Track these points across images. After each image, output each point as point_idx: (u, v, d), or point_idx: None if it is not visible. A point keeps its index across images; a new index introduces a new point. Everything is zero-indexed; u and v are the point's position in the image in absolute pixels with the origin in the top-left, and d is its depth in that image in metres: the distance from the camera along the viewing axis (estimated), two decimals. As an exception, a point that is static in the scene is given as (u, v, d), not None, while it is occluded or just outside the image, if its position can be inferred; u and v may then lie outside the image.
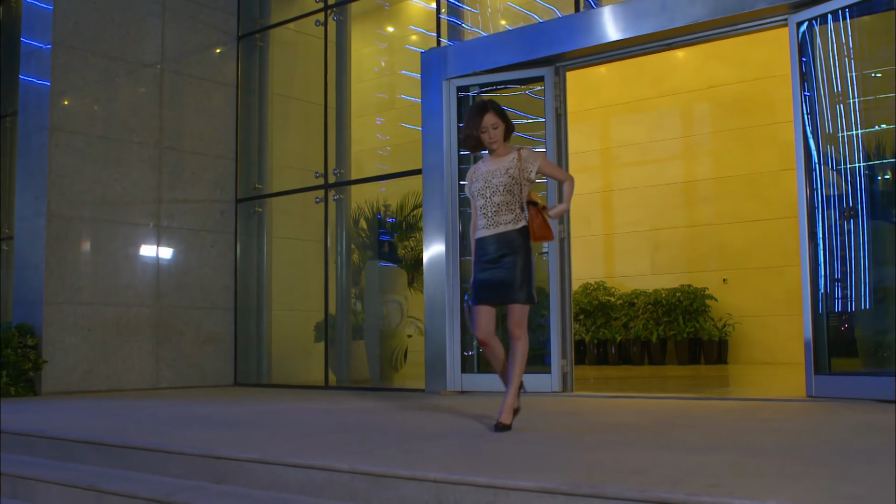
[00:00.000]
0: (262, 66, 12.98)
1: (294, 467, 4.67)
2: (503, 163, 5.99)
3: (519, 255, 5.89)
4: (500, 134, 5.99)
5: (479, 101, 6.08)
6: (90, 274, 11.24)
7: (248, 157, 12.82)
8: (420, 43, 11.98)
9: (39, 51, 11.36)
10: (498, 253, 5.91)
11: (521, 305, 5.87)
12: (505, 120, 6.03)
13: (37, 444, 6.36)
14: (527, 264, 5.91)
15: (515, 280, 5.85)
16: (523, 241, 5.94)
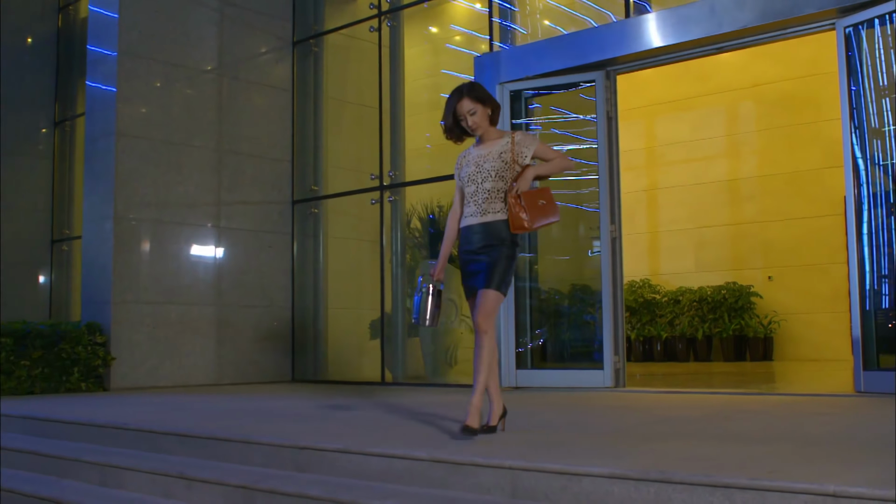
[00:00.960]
0: (317, 70, 13.32)
1: (375, 456, 5.00)
2: (496, 146, 5.61)
3: (504, 247, 5.48)
4: (481, 118, 5.59)
5: (456, 88, 5.66)
6: (154, 274, 11.64)
7: (303, 159, 13.17)
8: (464, 43, 12.26)
9: (105, 58, 11.76)
10: (482, 243, 5.50)
11: (494, 292, 5.44)
12: (485, 102, 5.61)
13: (122, 435, 6.73)
14: (510, 258, 5.51)
15: (493, 268, 5.43)
16: (510, 233, 5.50)
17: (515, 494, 4.40)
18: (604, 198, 9.50)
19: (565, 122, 10.44)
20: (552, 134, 10.36)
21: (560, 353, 10.30)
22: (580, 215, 10.22)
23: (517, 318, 9.96)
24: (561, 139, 10.35)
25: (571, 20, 10.56)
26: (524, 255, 10.10)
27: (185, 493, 5.42)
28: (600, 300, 9.58)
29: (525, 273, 10.10)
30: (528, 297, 10.08)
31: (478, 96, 5.58)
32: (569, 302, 10.44)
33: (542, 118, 10.49)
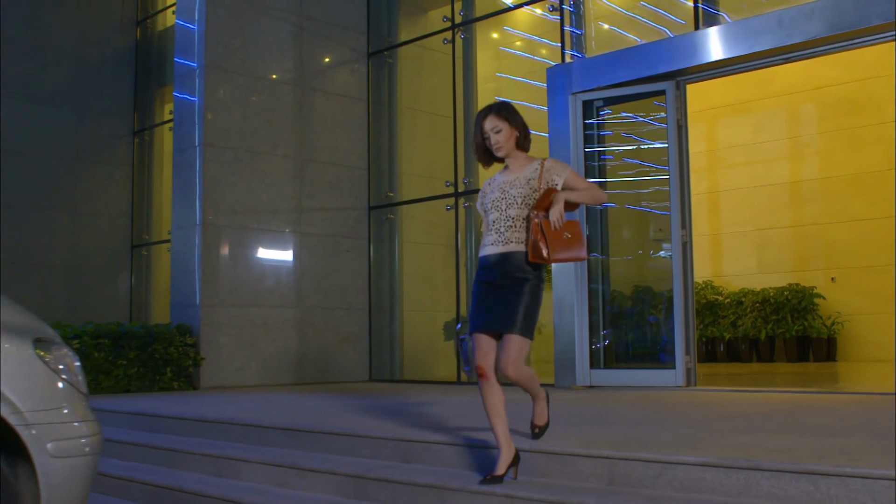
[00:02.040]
0: (391, 80, 13.79)
1: (477, 448, 5.42)
2: (524, 172, 5.14)
3: (527, 283, 5.00)
4: (505, 138, 5.12)
5: (486, 106, 5.27)
6: (239, 278, 12.17)
7: (378, 166, 13.65)
8: (535, 51, 12.65)
9: (191, 71, 12.31)
10: (503, 276, 5.02)
11: (519, 338, 4.91)
12: (512, 122, 5.15)
13: (230, 429, 7.21)
14: (534, 295, 5.02)
15: (517, 307, 4.93)
16: (535, 266, 5.03)
17: (612, 482, 4.79)
18: (675, 203, 9.84)
19: (638, 131, 10.79)
20: (622, 140, 10.71)
21: (631, 353, 10.64)
22: (646, 217, 10.59)
23: (590, 318, 10.33)
24: (630, 144, 10.71)
25: (641, 29, 10.89)
26: (595, 256, 10.46)
27: (298, 483, 5.88)
28: (668, 301, 9.92)
29: (597, 274, 10.45)
30: (600, 298, 10.44)
31: (505, 115, 5.14)
32: (637, 303, 10.78)
33: (612, 122, 10.83)
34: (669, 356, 9.92)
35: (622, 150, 10.68)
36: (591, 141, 10.54)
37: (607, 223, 10.59)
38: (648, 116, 10.50)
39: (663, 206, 10.13)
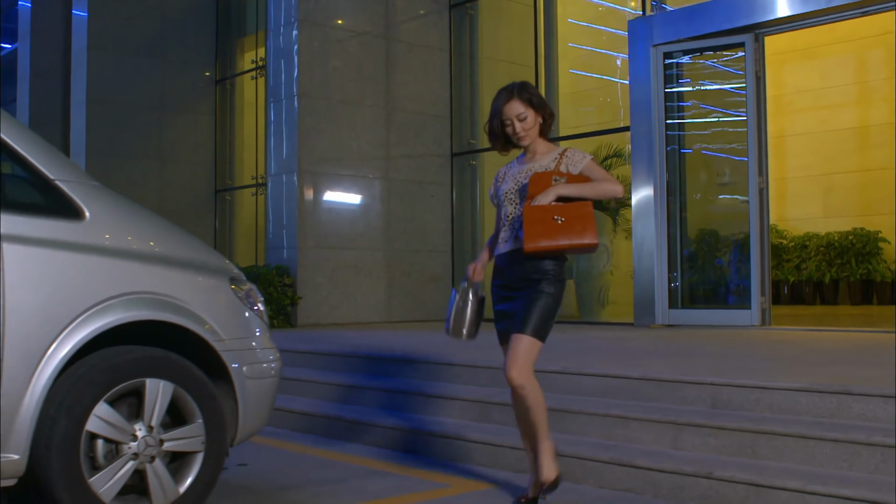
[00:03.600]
0: (472, 31, 14.31)
1: (590, 376, 6.06)
2: (542, 161, 4.59)
3: (546, 282, 4.48)
4: (530, 126, 4.57)
5: (505, 87, 4.70)
6: (332, 222, 12.84)
7: (461, 115, 14.22)
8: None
9: (286, 25, 12.90)
10: (518, 278, 4.55)
11: (529, 338, 4.43)
12: (538, 108, 4.59)
13: (347, 362, 7.89)
14: (553, 297, 4.50)
15: (531, 307, 4.45)
16: (555, 266, 4.52)
17: (715, 405, 5.40)
18: (752, 151, 10.29)
19: (713, 88, 11.23)
20: (703, 94, 11.17)
21: (707, 293, 11.18)
22: (722, 164, 11.10)
23: (668, 260, 10.86)
24: (708, 94, 11.17)
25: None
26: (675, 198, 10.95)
27: (422, 408, 6.54)
28: (744, 244, 10.42)
29: (675, 218, 10.94)
30: (678, 241, 10.94)
31: (530, 99, 4.57)
32: (713, 246, 11.29)
33: (691, 72, 11.27)
34: (744, 297, 10.43)
35: (700, 98, 11.15)
36: (670, 93, 10.99)
37: (685, 168, 11.07)
38: (726, 67, 10.94)
39: (735, 151, 10.61)
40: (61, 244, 3.84)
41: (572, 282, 13.00)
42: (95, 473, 3.86)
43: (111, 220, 4.06)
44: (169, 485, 4.05)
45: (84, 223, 3.93)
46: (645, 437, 5.25)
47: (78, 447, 3.80)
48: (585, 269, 13.04)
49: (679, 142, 10.99)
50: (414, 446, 6.09)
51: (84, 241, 3.90)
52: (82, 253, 3.89)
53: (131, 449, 3.94)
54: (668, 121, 10.89)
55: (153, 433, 4.01)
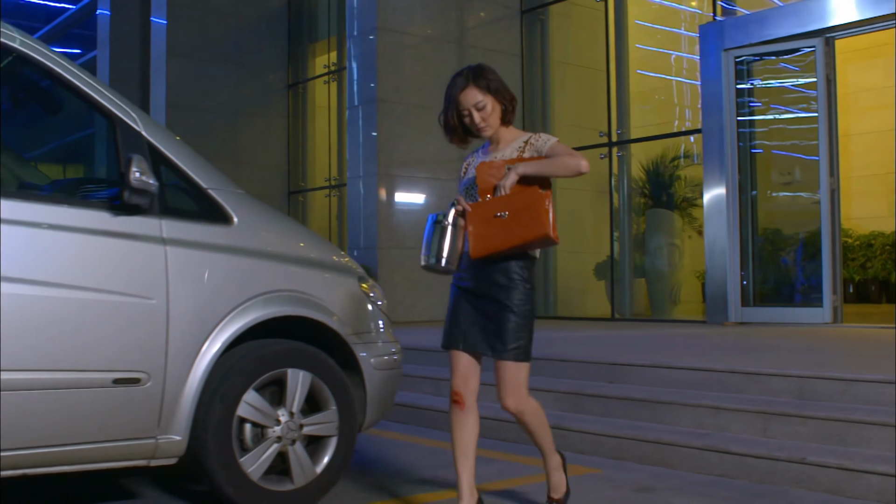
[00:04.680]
0: (543, 36, 14.64)
1: (678, 369, 6.38)
2: (506, 150, 4.14)
3: (515, 290, 3.97)
4: (491, 115, 4.11)
5: (459, 72, 4.23)
6: (409, 223, 13.25)
7: (532, 118, 14.54)
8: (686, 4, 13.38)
9: (365, 33, 13.32)
10: (483, 282, 4.03)
11: (514, 364, 4.01)
12: (497, 94, 4.12)
13: (444, 357, 8.24)
14: (525, 311, 4.00)
15: (505, 326, 3.96)
16: (521, 267, 4.00)
17: (802, 396, 5.70)
18: (823, 152, 10.52)
19: (782, 86, 11.47)
20: (772, 96, 11.41)
21: (779, 291, 11.42)
22: (793, 163, 11.33)
23: (740, 259, 11.10)
24: (779, 95, 11.40)
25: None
26: (745, 198, 11.18)
27: (517, 399, 6.89)
28: (815, 243, 10.64)
29: (746, 217, 11.17)
30: (750, 240, 11.18)
31: (488, 85, 4.11)
32: (784, 245, 11.53)
33: (762, 75, 11.51)
34: (816, 295, 10.65)
35: (769, 99, 11.39)
36: (741, 94, 11.24)
37: (755, 168, 11.31)
38: (796, 68, 11.17)
39: (805, 150, 10.85)
40: (214, 247, 4.24)
41: (644, 280, 13.30)
42: (245, 454, 4.26)
43: (255, 225, 4.46)
44: (308, 466, 4.45)
45: (232, 227, 4.33)
46: (736, 426, 5.56)
47: (230, 430, 4.20)
48: (656, 268, 13.33)
49: (749, 142, 11.24)
50: (511, 436, 6.43)
51: (233, 243, 4.31)
52: (232, 255, 4.29)
53: (275, 432, 4.34)
54: (739, 121, 11.14)
55: (294, 418, 4.40)
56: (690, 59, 13.68)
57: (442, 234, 3.95)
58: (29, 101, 5.02)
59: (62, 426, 3.84)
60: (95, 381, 3.88)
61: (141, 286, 3.99)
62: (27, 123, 5.39)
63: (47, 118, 5.09)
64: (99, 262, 3.92)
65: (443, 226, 3.95)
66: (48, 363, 3.76)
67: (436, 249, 3.96)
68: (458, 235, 3.96)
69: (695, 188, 13.33)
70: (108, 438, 3.96)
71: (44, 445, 3.81)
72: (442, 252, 3.94)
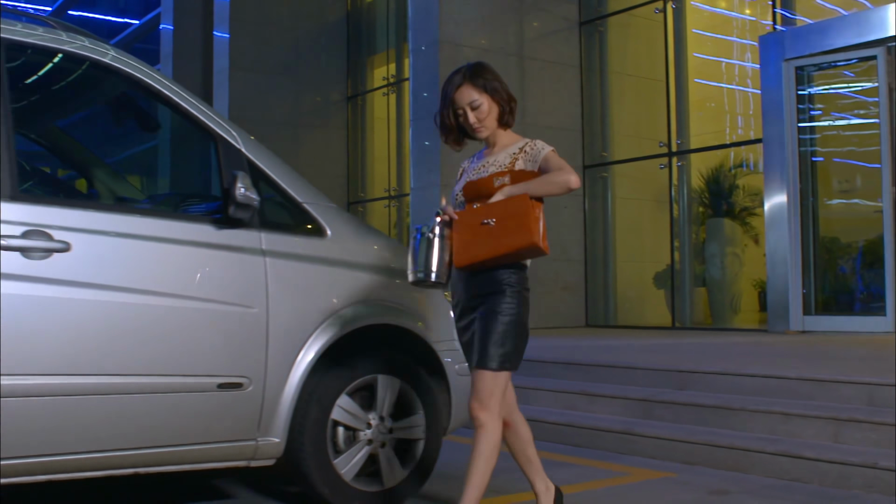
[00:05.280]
0: (602, 47, 14.80)
1: (748, 376, 6.52)
2: (500, 156, 3.96)
3: (501, 297, 3.78)
4: (485, 115, 3.94)
5: (456, 69, 4.02)
6: (472, 233, 13.42)
7: (592, 129, 14.70)
8: (736, 9, 13.46)
9: (428, 46, 13.56)
10: (474, 294, 3.89)
11: (491, 374, 3.75)
12: (494, 93, 3.95)
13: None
14: (512, 316, 3.77)
15: (488, 333, 3.76)
16: (510, 276, 3.80)
17: (872, 403, 5.80)
18: (885, 161, 10.58)
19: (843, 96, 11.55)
20: (832, 102, 11.48)
21: (840, 300, 11.47)
22: (853, 171, 11.39)
23: (801, 267, 11.17)
24: (841, 105, 11.48)
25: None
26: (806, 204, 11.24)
27: (588, 406, 7.06)
28: (876, 252, 10.68)
29: (807, 225, 11.24)
30: (811, 249, 11.24)
31: (485, 84, 3.93)
32: (845, 253, 11.58)
33: (823, 85, 11.58)
34: (879, 304, 10.70)
35: (830, 107, 11.47)
36: (802, 102, 11.32)
37: (816, 177, 11.37)
38: (857, 76, 11.24)
39: (866, 158, 10.91)
40: (310, 258, 4.46)
41: (705, 289, 13.40)
42: (338, 456, 4.47)
43: (347, 237, 4.67)
44: (397, 468, 4.65)
45: (326, 240, 4.54)
46: (807, 432, 5.68)
47: (325, 433, 4.41)
48: (717, 277, 13.42)
49: (810, 151, 11.32)
50: (582, 441, 6.60)
51: (327, 255, 4.52)
52: (326, 266, 4.50)
53: (366, 435, 4.54)
54: (799, 128, 11.22)
55: (384, 422, 4.61)
56: (748, 67, 13.79)
57: (429, 246, 3.81)
58: (128, 119, 5.29)
59: (171, 428, 4.06)
60: (201, 385, 4.10)
61: (243, 296, 4.21)
62: (112, 139, 5.66)
63: (131, 133, 5.35)
64: (205, 273, 4.14)
65: (429, 238, 3.81)
66: (159, 368, 3.99)
67: (423, 263, 3.82)
68: (446, 247, 3.82)
69: (753, 197, 13.44)
70: (212, 440, 4.18)
71: (155, 446, 4.04)
72: (430, 265, 3.81)
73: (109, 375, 3.88)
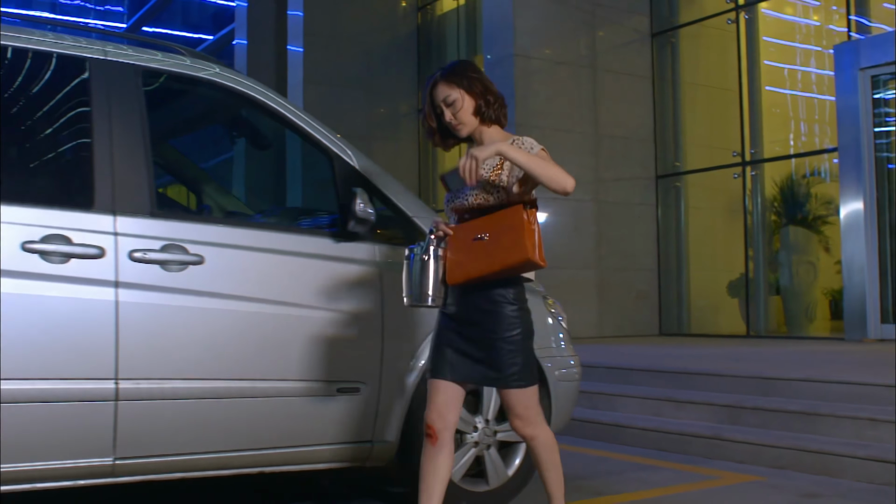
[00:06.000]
0: (674, 58, 14.94)
1: (835, 383, 6.65)
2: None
3: (501, 313, 3.62)
4: (460, 110, 3.68)
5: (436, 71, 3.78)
6: (547, 242, 13.41)
7: (664, 139, 14.84)
8: (810, 16, 13.52)
9: (502, 58, 13.78)
10: (471, 307, 3.67)
11: (520, 391, 3.64)
12: (469, 88, 3.67)
13: (593, 372, 8.62)
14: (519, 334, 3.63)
15: (496, 353, 3.60)
16: (510, 289, 3.65)
17: (961, 409, 5.92)
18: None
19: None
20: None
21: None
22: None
23: (879, 276, 11.21)
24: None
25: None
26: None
27: (674, 412, 7.22)
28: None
29: (885, 233, 11.26)
30: (888, 257, 11.28)
31: (460, 81, 3.67)
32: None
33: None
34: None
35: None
36: (878, 109, 11.38)
37: (893, 184, 11.40)
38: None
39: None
40: (421, 271, 4.70)
41: (779, 298, 13.48)
42: (447, 458, 4.69)
43: (454, 249, 4.90)
44: (501, 469, 4.86)
45: (434, 253, 4.78)
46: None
47: (435, 435, 4.64)
48: (792, 285, 13.49)
49: (886, 159, 11.37)
50: (669, 446, 6.76)
51: (437, 267, 4.75)
52: (436, 277, 4.74)
53: (473, 438, 4.76)
54: (875, 137, 11.28)
55: (489, 425, 4.82)
56: (821, 74, 13.85)
57: (423, 268, 3.65)
58: (243, 138, 5.58)
59: (295, 429, 4.31)
60: (322, 389, 4.35)
61: (361, 306, 4.46)
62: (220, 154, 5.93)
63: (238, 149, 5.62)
64: (325, 284, 4.39)
65: (422, 259, 3.65)
66: (285, 373, 4.24)
67: (418, 285, 3.67)
68: (440, 268, 3.65)
69: (828, 205, 13.49)
70: (331, 441, 4.43)
71: (279, 447, 4.29)
72: (426, 289, 3.65)
73: (240, 380, 4.15)
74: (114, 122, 4.02)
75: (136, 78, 4.15)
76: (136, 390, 3.90)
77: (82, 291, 3.82)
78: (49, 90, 4.14)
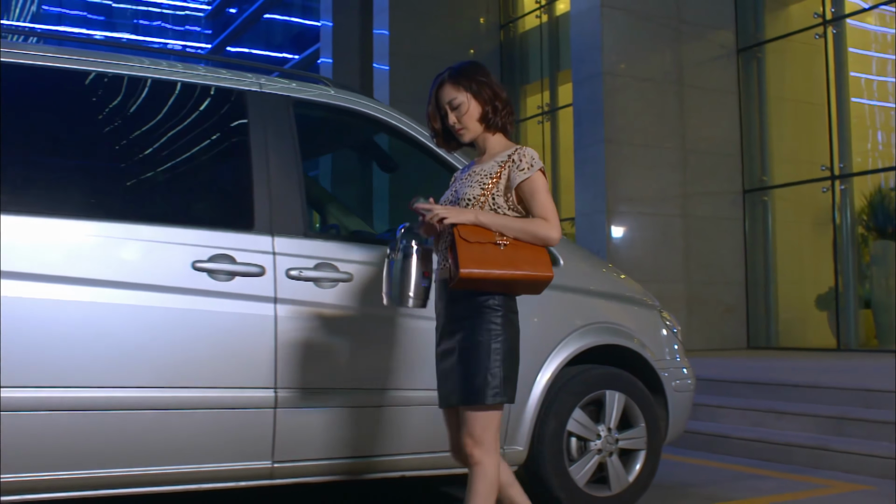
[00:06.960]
0: (760, 73, 15.05)
1: (938, 395, 6.77)
2: (488, 164, 3.56)
3: (485, 326, 3.42)
4: (468, 116, 3.56)
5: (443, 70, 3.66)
6: (636, 257, 13.83)
7: (751, 154, 14.95)
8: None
9: (591, 76, 14.00)
10: (453, 317, 3.51)
11: (477, 413, 3.42)
12: (476, 92, 3.54)
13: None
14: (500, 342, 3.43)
15: (469, 366, 3.40)
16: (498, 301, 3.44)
17: None
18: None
19: None
20: None
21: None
22: None
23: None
24: None
25: None
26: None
27: (776, 423, 7.39)
28: None
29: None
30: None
31: (468, 84, 3.55)
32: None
33: None
34: None
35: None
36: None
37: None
38: None
39: None
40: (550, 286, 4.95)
41: (870, 311, 13.51)
42: (572, 464, 4.94)
43: (577, 265, 5.16)
44: (622, 475, 5.09)
45: (560, 268, 5.03)
46: None
47: (562, 442, 4.89)
48: (883, 299, 13.54)
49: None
50: (773, 456, 6.93)
51: (562, 283, 4.99)
52: (561, 292, 4.99)
53: (596, 445, 5.00)
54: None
55: (611, 433, 5.06)
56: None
57: (403, 268, 3.54)
58: (372, 160, 5.88)
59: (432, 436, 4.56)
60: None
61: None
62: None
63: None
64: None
65: (402, 259, 3.54)
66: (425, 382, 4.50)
67: (398, 286, 3.56)
68: (420, 268, 3.55)
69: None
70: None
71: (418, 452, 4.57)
72: (406, 289, 3.54)
73: (388, 390, 4.46)
74: (270, 150, 4.37)
75: (288, 108, 4.49)
76: (293, 398, 4.21)
77: (245, 307, 4.15)
78: (211, 121, 4.49)
